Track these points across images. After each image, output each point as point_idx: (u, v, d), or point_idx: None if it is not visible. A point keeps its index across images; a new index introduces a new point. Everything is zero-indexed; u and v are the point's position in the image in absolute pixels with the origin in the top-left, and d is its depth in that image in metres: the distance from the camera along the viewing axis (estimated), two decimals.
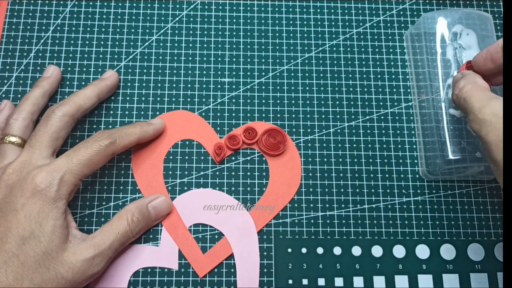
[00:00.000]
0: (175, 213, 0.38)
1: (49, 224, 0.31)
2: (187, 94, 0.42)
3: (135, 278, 0.37)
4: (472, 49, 0.40)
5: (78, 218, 0.38)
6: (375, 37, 0.45)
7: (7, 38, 0.43)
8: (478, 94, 0.30)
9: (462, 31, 0.41)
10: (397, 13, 0.46)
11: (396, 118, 0.42)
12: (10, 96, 0.41)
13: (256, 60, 0.43)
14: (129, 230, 0.35)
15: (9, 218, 0.31)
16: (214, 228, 0.38)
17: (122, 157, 0.40)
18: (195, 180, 0.40)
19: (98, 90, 0.39)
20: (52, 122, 0.35)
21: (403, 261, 0.38)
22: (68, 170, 0.32)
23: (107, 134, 0.35)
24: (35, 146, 0.34)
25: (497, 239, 0.39)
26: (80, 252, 0.32)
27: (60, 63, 0.42)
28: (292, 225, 0.39)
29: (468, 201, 0.40)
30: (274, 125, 0.41)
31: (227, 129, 0.41)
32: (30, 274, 0.30)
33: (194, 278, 0.37)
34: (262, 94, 0.42)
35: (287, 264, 0.38)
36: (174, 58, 0.43)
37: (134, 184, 0.39)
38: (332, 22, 0.45)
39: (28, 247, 0.30)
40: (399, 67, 0.44)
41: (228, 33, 0.44)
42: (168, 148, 0.40)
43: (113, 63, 0.43)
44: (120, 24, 0.44)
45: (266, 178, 0.40)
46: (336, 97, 0.43)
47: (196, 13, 0.45)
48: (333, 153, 0.41)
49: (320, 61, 0.44)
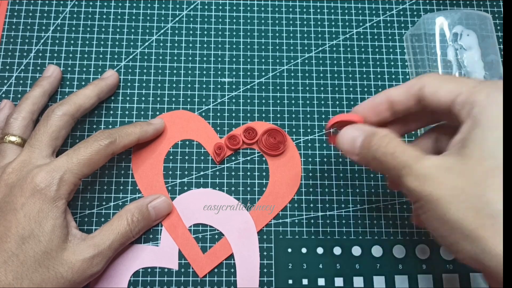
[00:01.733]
0: (175, 213, 0.38)
1: (48, 224, 0.31)
2: (187, 94, 0.42)
3: (135, 278, 0.37)
4: (473, 50, 0.40)
5: (78, 218, 0.38)
6: (375, 37, 0.45)
7: (7, 38, 0.43)
8: (405, 146, 0.26)
9: (462, 32, 0.41)
10: (397, 13, 0.46)
11: None
12: (10, 96, 0.41)
13: (256, 60, 0.43)
14: (129, 230, 0.35)
15: (8, 218, 0.31)
16: (214, 228, 0.38)
17: (122, 157, 0.40)
18: (195, 180, 0.40)
19: (98, 89, 0.39)
20: (52, 122, 0.35)
21: (403, 261, 0.38)
22: (68, 169, 0.32)
23: (107, 133, 0.35)
24: (35, 145, 0.34)
25: None
26: (80, 252, 0.32)
27: (60, 63, 0.42)
28: (292, 225, 0.39)
29: None
30: (274, 125, 0.41)
31: (227, 129, 0.41)
32: (30, 273, 0.30)
33: (194, 278, 0.37)
34: (262, 94, 0.42)
35: (287, 264, 0.38)
36: (174, 58, 0.43)
37: (134, 184, 0.39)
38: (332, 22, 0.45)
39: (28, 247, 0.30)
40: (399, 67, 0.44)
41: (228, 33, 0.44)
42: (168, 148, 0.40)
43: (113, 63, 0.43)
44: (120, 24, 0.44)
45: (266, 178, 0.40)
46: (336, 97, 0.43)
47: (196, 13, 0.45)
48: (333, 153, 0.41)
49: (320, 61, 0.44)
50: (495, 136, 0.22)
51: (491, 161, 0.22)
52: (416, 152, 0.25)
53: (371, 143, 0.27)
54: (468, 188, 0.22)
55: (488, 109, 0.23)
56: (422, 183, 0.24)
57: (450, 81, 0.26)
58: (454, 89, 0.25)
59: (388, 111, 0.30)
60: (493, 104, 0.23)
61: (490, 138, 0.22)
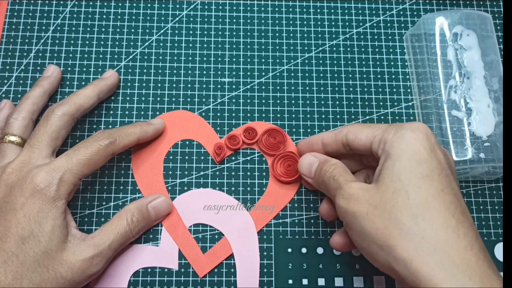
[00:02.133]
0: (175, 213, 0.38)
1: (48, 224, 0.31)
2: (187, 94, 0.42)
3: (135, 278, 0.37)
4: (473, 50, 0.40)
5: (78, 218, 0.38)
6: (375, 37, 0.45)
7: (7, 38, 0.43)
8: (344, 173, 0.32)
9: (462, 32, 0.41)
10: (397, 13, 0.46)
11: (396, 118, 0.42)
12: (10, 96, 0.41)
13: (256, 60, 0.43)
14: (128, 230, 0.35)
15: (8, 218, 0.31)
16: (214, 228, 0.38)
17: (122, 157, 0.40)
18: (195, 180, 0.40)
19: (98, 89, 0.39)
20: (52, 122, 0.35)
21: None
22: (67, 169, 0.32)
23: (107, 133, 0.35)
24: (35, 145, 0.34)
25: (497, 239, 0.39)
26: (80, 252, 0.32)
27: (60, 63, 0.42)
28: (292, 225, 0.39)
29: (468, 201, 0.40)
30: (274, 125, 0.41)
31: (227, 129, 0.41)
32: (30, 273, 0.30)
33: (194, 278, 0.37)
34: (262, 94, 0.42)
35: (287, 264, 0.38)
36: (174, 58, 0.43)
37: (134, 184, 0.39)
38: (332, 22, 0.45)
39: (28, 247, 0.30)
40: (399, 67, 0.44)
41: (228, 33, 0.44)
42: (168, 148, 0.40)
43: (113, 63, 0.43)
44: (120, 24, 0.44)
45: (266, 178, 0.40)
46: (336, 97, 0.43)
47: (196, 13, 0.45)
48: None
49: (320, 61, 0.44)
50: (401, 164, 0.28)
51: (397, 184, 0.27)
52: (350, 178, 0.31)
53: (323, 168, 0.33)
54: (380, 206, 0.27)
55: (395, 144, 0.28)
56: (348, 201, 0.29)
57: (367, 127, 0.32)
58: (370, 133, 0.31)
59: (322, 151, 0.36)
60: (399, 140, 0.28)
61: (397, 166, 0.28)
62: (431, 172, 0.27)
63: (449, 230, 0.26)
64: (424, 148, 0.28)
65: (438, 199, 0.27)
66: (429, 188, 0.27)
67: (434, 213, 0.26)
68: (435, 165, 0.28)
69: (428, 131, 0.29)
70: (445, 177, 0.28)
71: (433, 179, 0.27)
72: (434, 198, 0.27)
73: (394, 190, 0.27)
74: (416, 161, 0.28)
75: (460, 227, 0.26)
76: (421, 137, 0.28)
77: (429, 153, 0.28)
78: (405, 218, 0.26)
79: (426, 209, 0.26)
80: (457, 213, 0.27)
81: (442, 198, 0.27)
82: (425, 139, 0.29)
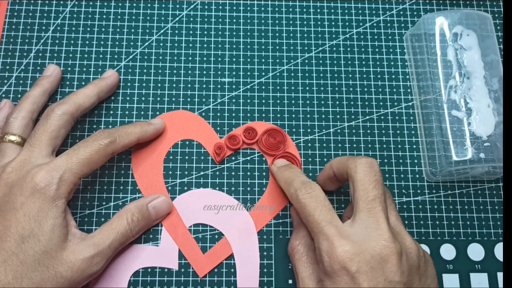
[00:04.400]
0: (175, 213, 0.38)
1: (48, 223, 0.31)
2: (187, 94, 0.42)
3: (135, 278, 0.37)
4: (473, 50, 0.40)
5: (78, 218, 0.38)
6: (375, 37, 0.45)
7: (7, 38, 0.43)
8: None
9: (462, 32, 0.41)
10: (397, 13, 0.46)
11: (396, 118, 0.42)
12: (10, 96, 0.41)
13: (256, 60, 0.43)
14: (128, 229, 0.35)
15: (8, 217, 0.31)
16: (214, 228, 0.38)
17: (122, 157, 0.40)
18: (195, 180, 0.40)
19: (98, 89, 0.39)
20: (52, 121, 0.35)
21: None
22: (67, 169, 0.32)
23: (107, 133, 0.35)
24: (35, 144, 0.34)
25: (497, 239, 0.39)
26: (80, 251, 0.32)
27: (60, 63, 0.42)
28: (292, 225, 0.39)
29: (468, 201, 0.40)
30: (274, 125, 0.41)
31: (227, 129, 0.41)
32: (30, 273, 0.30)
33: (194, 278, 0.37)
34: (262, 94, 0.42)
35: (287, 264, 0.38)
36: (174, 58, 0.43)
37: (134, 184, 0.39)
38: (332, 22, 0.45)
39: (28, 246, 0.30)
40: (399, 67, 0.44)
41: (228, 33, 0.44)
42: (168, 148, 0.40)
43: (113, 63, 0.43)
44: (120, 24, 0.44)
45: (266, 178, 0.40)
46: (336, 97, 0.43)
47: (196, 13, 0.45)
48: (333, 153, 0.41)
49: (320, 61, 0.44)
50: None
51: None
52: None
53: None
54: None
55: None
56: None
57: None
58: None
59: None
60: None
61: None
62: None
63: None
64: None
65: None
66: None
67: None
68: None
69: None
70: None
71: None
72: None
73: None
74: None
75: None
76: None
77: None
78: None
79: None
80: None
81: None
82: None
